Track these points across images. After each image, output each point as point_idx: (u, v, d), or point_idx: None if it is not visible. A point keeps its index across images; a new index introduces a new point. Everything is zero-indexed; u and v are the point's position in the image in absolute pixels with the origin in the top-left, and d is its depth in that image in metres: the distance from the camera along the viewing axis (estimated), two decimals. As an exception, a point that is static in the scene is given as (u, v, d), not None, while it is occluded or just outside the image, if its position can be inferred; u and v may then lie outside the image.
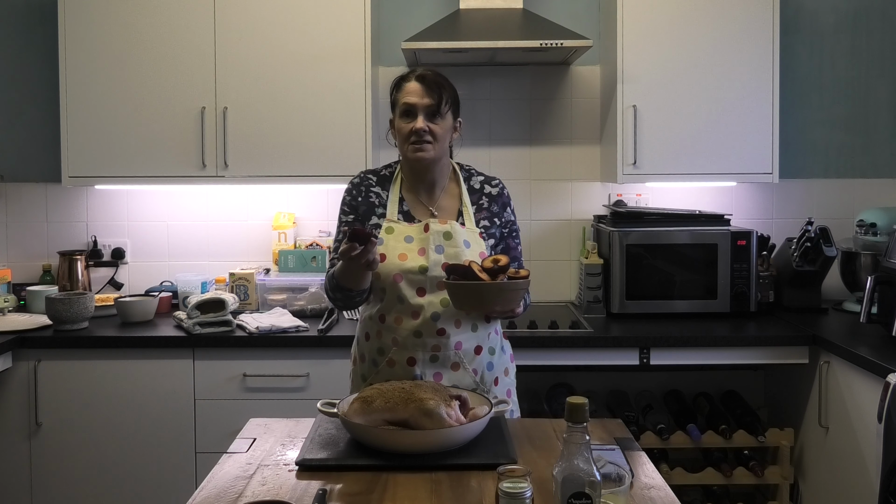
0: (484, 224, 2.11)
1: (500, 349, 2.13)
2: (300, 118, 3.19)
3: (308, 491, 1.53)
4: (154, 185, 3.37)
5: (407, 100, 2.04)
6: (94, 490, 2.95)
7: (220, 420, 2.92)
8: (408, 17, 3.50)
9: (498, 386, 2.11)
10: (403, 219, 2.08)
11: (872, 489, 2.44)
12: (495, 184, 2.19)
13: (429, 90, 2.03)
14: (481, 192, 2.15)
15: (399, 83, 2.09)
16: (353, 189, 2.15)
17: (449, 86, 2.08)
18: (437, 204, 2.11)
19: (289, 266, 3.36)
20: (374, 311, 2.06)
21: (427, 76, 2.05)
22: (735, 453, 3.04)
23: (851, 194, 3.54)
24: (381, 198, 2.11)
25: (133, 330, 3.03)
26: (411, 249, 2.02)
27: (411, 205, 2.11)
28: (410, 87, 2.05)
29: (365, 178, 2.16)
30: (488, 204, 2.14)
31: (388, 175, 2.16)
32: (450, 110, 2.06)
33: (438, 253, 2.02)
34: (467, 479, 1.57)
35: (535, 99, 3.55)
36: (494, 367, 2.10)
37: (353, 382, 2.18)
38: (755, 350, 2.94)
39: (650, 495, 1.52)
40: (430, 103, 2.02)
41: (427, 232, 2.04)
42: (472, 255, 2.03)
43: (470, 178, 2.17)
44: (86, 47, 3.17)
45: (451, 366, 2.03)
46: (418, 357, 2.01)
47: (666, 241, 3.19)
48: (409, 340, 2.01)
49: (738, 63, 3.17)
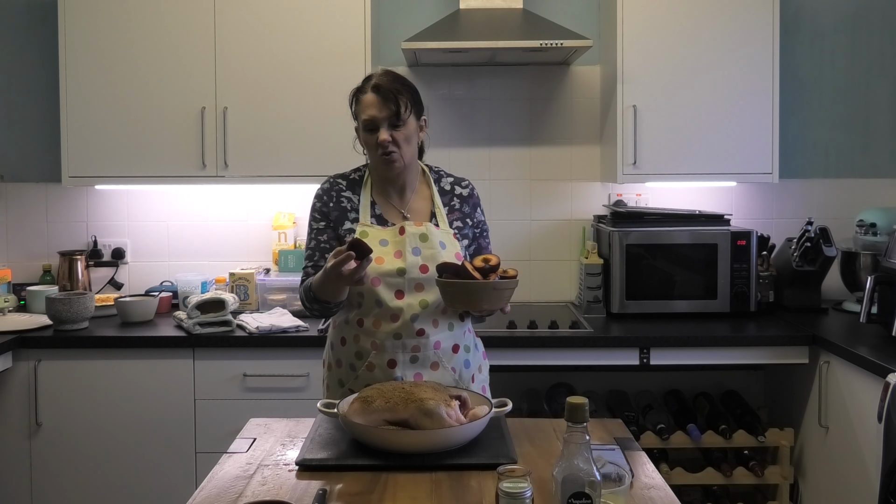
0: (457, 225, 2.12)
1: (473, 346, 2.15)
2: (300, 118, 3.19)
3: (308, 491, 1.53)
4: (154, 185, 3.37)
5: (367, 114, 2.01)
6: (94, 490, 2.95)
7: (220, 420, 2.92)
8: (408, 17, 3.50)
9: (475, 383, 2.12)
10: (377, 222, 2.08)
11: (872, 489, 2.44)
12: (465, 185, 2.19)
13: (386, 100, 1.99)
14: (452, 194, 2.16)
15: (357, 96, 2.06)
16: (323, 195, 2.13)
17: (406, 89, 2.04)
18: (409, 206, 2.11)
19: (289, 266, 3.36)
20: (352, 316, 2.06)
21: (382, 86, 2.01)
22: (735, 453, 3.04)
23: (851, 194, 3.54)
24: (352, 202, 2.11)
25: (133, 330, 3.03)
26: (387, 253, 2.02)
27: (383, 208, 2.11)
28: (367, 99, 2.02)
29: (335, 184, 2.14)
30: (460, 205, 2.15)
31: (357, 179, 2.15)
32: (411, 114, 2.04)
33: (415, 255, 2.02)
34: (467, 479, 1.57)
35: (535, 99, 3.55)
36: (471, 364, 2.12)
37: (328, 388, 2.16)
38: (755, 350, 2.94)
39: (650, 495, 1.52)
40: (390, 114, 1.99)
41: (402, 235, 2.04)
42: (447, 256, 2.03)
43: (440, 179, 2.18)
44: (86, 47, 3.17)
45: (430, 365, 2.04)
46: (398, 359, 2.01)
47: (666, 241, 3.19)
48: (389, 343, 2.01)
49: (738, 63, 3.17)
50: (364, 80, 2.08)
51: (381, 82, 2.02)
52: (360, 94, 2.05)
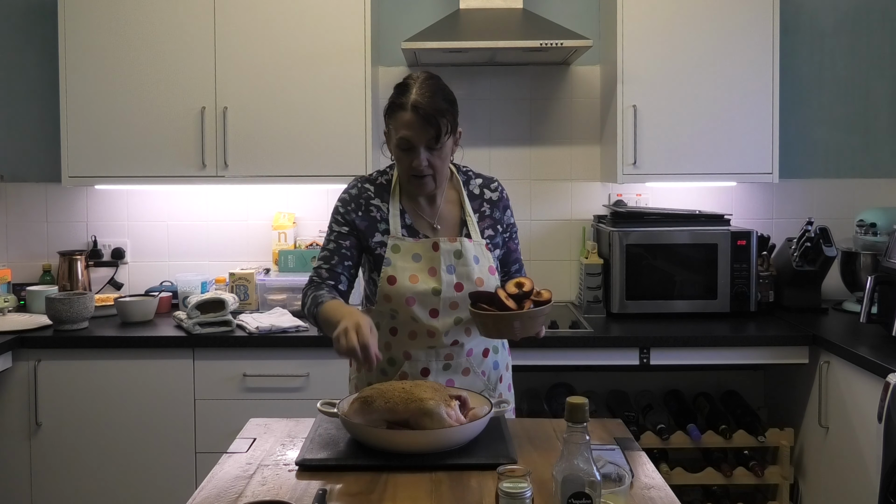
0: (489, 234, 2.07)
1: (501, 346, 2.14)
2: (300, 118, 3.18)
3: (308, 491, 1.53)
4: (154, 185, 3.37)
5: (403, 134, 1.89)
6: (94, 490, 2.95)
7: (220, 420, 2.92)
8: (408, 17, 3.50)
9: (502, 383, 2.12)
10: (407, 233, 2.02)
11: (872, 489, 2.44)
12: (494, 187, 2.12)
13: (425, 124, 1.87)
14: (482, 198, 2.09)
15: (393, 109, 1.92)
16: (350, 202, 2.04)
17: (448, 106, 1.91)
18: (439, 214, 2.05)
19: (289, 266, 3.36)
20: (384, 323, 2.01)
21: (421, 106, 1.86)
22: (735, 453, 3.04)
23: (851, 194, 3.54)
24: (381, 211, 2.02)
25: (133, 330, 3.03)
26: (421, 270, 1.97)
27: (413, 217, 2.03)
28: (405, 118, 1.88)
29: (363, 190, 2.04)
30: (490, 210, 2.09)
31: (385, 184, 2.05)
32: (450, 135, 1.93)
33: (450, 273, 1.97)
34: (467, 479, 1.57)
35: (535, 99, 3.55)
36: (499, 365, 2.11)
37: (356, 388, 2.10)
38: (755, 350, 2.94)
39: (650, 495, 1.52)
40: (428, 138, 1.89)
41: (437, 251, 1.98)
42: (481, 270, 2.00)
43: (469, 181, 2.10)
44: (86, 47, 3.17)
45: (462, 371, 2.03)
46: (431, 367, 2.00)
47: (666, 241, 3.19)
48: (423, 353, 2.00)
49: (738, 63, 3.17)
50: (403, 89, 1.92)
51: (421, 101, 1.87)
52: (397, 109, 1.91)
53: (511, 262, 2.15)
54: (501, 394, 2.11)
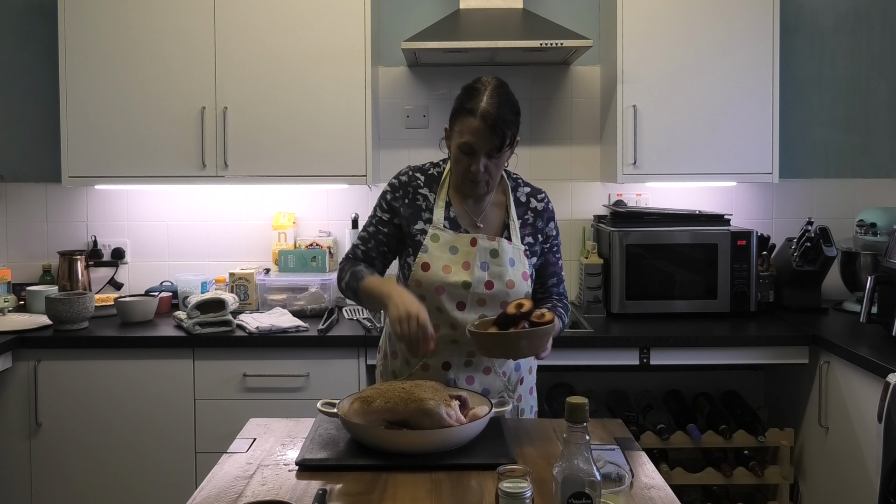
0: (528, 241, 2.07)
1: None
2: (300, 118, 3.18)
3: (308, 491, 1.53)
4: (154, 185, 3.37)
5: (467, 139, 1.91)
6: (94, 490, 2.95)
7: (220, 420, 2.92)
8: (408, 17, 3.50)
9: (523, 385, 2.12)
10: (449, 226, 2.03)
11: (872, 489, 2.44)
12: (541, 198, 2.12)
13: (491, 133, 1.88)
14: (527, 206, 2.10)
15: (461, 113, 1.93)
16: (399, 188, 2.06)
17: (514, 119, 1.92)
18: (484, 214, 2.06)
19: (289, 266, 3.36)
20: None
21: (490, 115, 1.88)
22: (735, 453, 3.04)
23: (851, 194, 3.54)
24: (427, 200, 2.04)
25: (133, 330, 3.03)
26: (455, 262, 1.99)
27: (458, 210, 2.04)
28: (472, 124, 1.89)
29: (413, 178, 2.06)
30: (533, 219, 2.09)
31: (435, 175, 2.07)
32: (512, 147, 1.95)
33: (483, 270, 1.98)
34: (467, 479, 1.57)
35: (535, 99, 3.55)
36: (521, 367, 2.11)
37: (381, 377, 2.16)
38: (755, 350, 2.94)
39: (650, 495, 1.52)
40: (491, 147, 1.91)
41: (474, 247, 1.99)
42: (514, 273, 2.00)
43: (517, 188, 2.10)
44: (86, 47, 3.17)
45: (483, 370, 2.04)
46: (453, 362, 2.01)
47: (666, 241, 3.19)
48: (446, 347, 2.00)
49: (738, 63, 3.17)
50: (472, 93, 1.93)
51: (490, 111, 1.88)
52: (465, 114, 1.92)
53: (549, 275, 2.13)
54: (521, 396, 2.11)
